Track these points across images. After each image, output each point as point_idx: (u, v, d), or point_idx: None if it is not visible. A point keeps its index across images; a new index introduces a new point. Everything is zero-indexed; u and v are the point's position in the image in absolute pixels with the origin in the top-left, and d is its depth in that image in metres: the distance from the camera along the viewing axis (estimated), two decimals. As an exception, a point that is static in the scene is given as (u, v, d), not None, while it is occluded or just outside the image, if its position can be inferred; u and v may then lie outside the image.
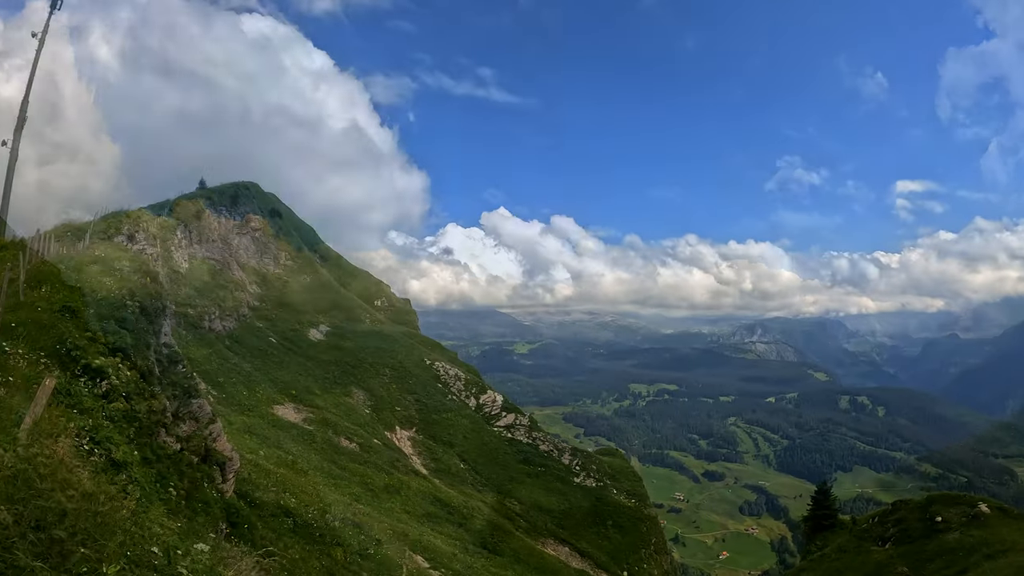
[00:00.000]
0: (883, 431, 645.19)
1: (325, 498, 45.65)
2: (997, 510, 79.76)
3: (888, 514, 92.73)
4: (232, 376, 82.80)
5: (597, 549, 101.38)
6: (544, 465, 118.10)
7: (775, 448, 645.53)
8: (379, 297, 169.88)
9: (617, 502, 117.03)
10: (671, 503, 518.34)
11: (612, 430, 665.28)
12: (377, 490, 70.24)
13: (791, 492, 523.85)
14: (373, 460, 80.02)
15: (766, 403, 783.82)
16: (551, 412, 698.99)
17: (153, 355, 22.94)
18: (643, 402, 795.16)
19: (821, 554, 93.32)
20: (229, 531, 22.52)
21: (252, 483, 32.92)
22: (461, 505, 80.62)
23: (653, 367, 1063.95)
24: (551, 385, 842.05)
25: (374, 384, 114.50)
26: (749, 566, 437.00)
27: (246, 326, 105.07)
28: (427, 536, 60.58)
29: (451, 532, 70.80)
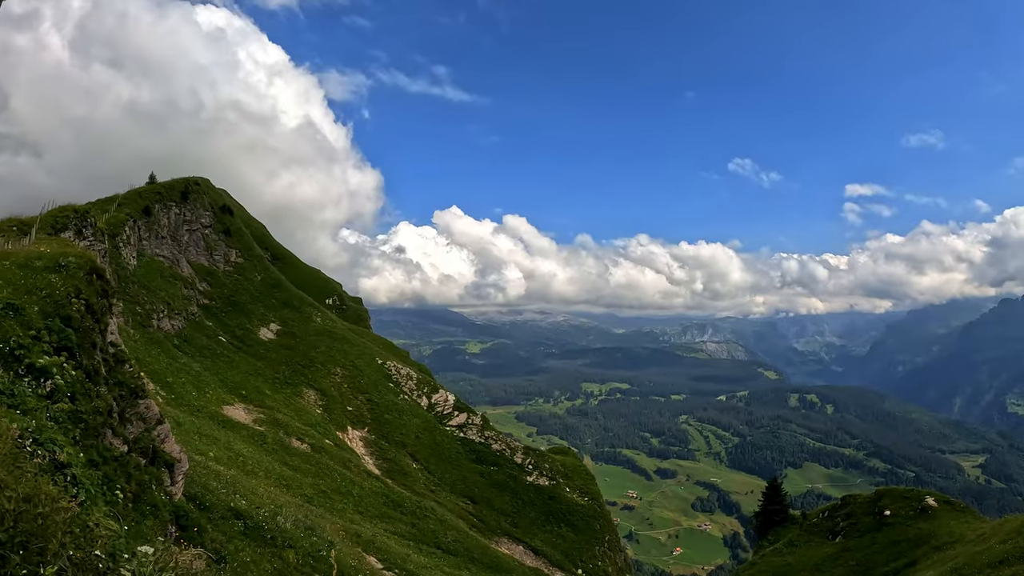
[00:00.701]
0: (832, 428, 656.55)
1: (277, 500, 45.06)
2: (944, 504, 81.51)
3: (838, 509, 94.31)
4: (181, 376, 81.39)
5: (551, 547, 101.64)
6: (497, 464, 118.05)
7: (726, 445, 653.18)
8: (331, 295, 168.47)
9: (570, 500, 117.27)
10: (624, 501, 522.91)
11: (565, 429, 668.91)
12: (329, 491, 69.49)
13: (743, 488, 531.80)
14: (325, 461, 79.21)
15: (717, 401, 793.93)
16: (504, 411, 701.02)
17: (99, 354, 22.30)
18: (595, 401, 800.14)
19: (773, 548, 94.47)
20: (178, 534, 22.01)
21: (202, 485, 32.27)
22: (414, 505, 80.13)
23: (605, 366, 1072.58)
24: (503, 385, 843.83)
25: (325, 384, 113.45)
26: (702, 561, 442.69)
27: (195, 325, 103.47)
28: (380, 537, 60.06)
29: (404, 532, 70.34)
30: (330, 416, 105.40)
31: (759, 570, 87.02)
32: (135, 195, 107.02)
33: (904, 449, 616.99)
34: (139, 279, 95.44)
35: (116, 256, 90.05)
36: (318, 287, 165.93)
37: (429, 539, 71.72)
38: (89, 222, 37.85)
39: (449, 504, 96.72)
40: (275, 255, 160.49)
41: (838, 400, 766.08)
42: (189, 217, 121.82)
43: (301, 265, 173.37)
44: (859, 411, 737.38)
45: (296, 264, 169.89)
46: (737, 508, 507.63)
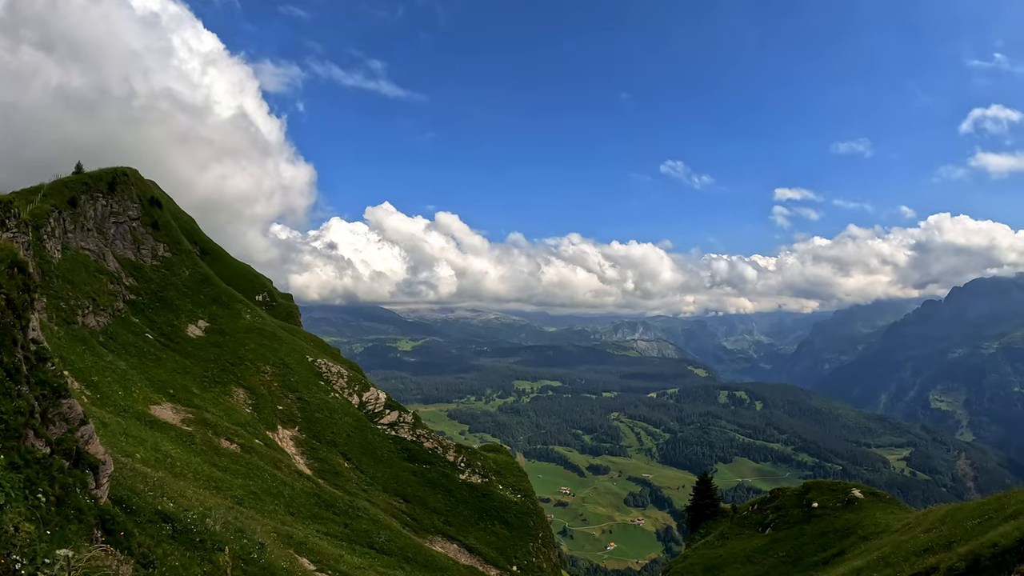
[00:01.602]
0: (761, 424, 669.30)
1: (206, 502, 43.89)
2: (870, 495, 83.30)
3: (767, 502, 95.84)
4: (107, 375, 78.99)
5: (485, 545, 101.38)
6: (429, 463, 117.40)
7: (658, 441, 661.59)
8: (261, 292, 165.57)
9: (503, 498, 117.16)
10: (558, 497, 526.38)
11: (497, 426, 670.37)
12: (260, 492, 68.12)
13: (674, 483, 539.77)
14: (255, 461, 77.67)
15: (648, 398, 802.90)
16: (436, 409, 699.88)
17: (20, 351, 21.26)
18: (527, 399, 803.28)
19: (705, 541, 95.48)
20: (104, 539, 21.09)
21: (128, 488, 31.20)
22: (346, 505, 79.08)
23: (537, 364, 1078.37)
24: (435, 382, 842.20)
25: (255, 382, 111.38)
26: (636, 556, 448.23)
27: (122, 321, 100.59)
28: (312, 538, 59.09)
29: (337, 533, 69.35)
30: (260, 415, 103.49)
31: (691, 563, 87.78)
32: (61, 185, 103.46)
33: (831, 443, 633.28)
34: (63, 273, 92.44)
35: (40, 249, 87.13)
36: (248, 283, 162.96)
37: (362, 539, 70.85)
38: (12, 213, 36.33)
39: (382, 503, 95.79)
40: (204, 249, 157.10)
41: (767, 397, 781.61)
42: (116, 209, 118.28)
43: (231, 260, 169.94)
44: (787, 407, 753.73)
45: (226, 259, 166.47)
46: (669, 503, 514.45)
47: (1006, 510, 41.18)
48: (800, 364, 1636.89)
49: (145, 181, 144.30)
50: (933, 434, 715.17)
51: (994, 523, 38.70)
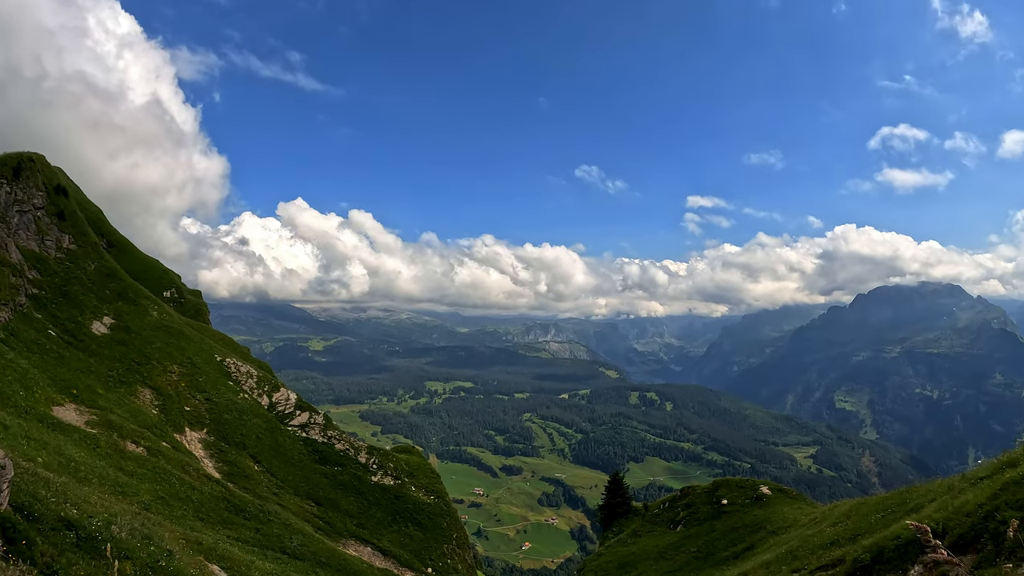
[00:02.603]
0: (672, 424, 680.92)
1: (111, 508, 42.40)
2: (778, 492, 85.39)
3: (678, 499, 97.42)
4: (7, 374, 75.76)
5: (399, 547, 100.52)
6: (341, 464, 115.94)
7: (570, 442, 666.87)
8: (168, 288, 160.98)
9: (416, 499, 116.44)
10: (471, 498, 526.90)
11: (409, 427, 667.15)
12: (168, 497, 66.22)
13: (587, 483, 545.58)
14: (162, 465, 75.55)
15: (560, 399, 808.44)
16: (347, 410, 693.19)
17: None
18: (439, 399, 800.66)
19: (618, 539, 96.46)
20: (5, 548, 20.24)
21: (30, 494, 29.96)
22: (257, 509, 77.49)
23: (449, 365, 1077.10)
24: (347, 383, 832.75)
25: (162, 382, 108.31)
26: (551, 555, 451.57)
27: (23, 317, 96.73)
28: (223, 544, 57.67)
29: (248, 538, 67.85)
30: (167, 417, 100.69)
31: (605, 560, 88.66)
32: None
33: (740, 442, 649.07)
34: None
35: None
36: (155, 278, 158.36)
37: (274, 544, 69.51)
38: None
39: (293, 507, 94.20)
40: (111, 242, 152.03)
41: (677, 398, 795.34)
42: (21, 197, 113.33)
43: (138, 254, 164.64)
44: (697, 408, 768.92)
45: (133, 253, 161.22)
46: (583, 502, 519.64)
47: (908, 504, 42.45)
48: (709, 366, 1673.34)
49: (52, 168, 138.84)
50: (838, 433, 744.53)
51: (897, 516, 39.85)
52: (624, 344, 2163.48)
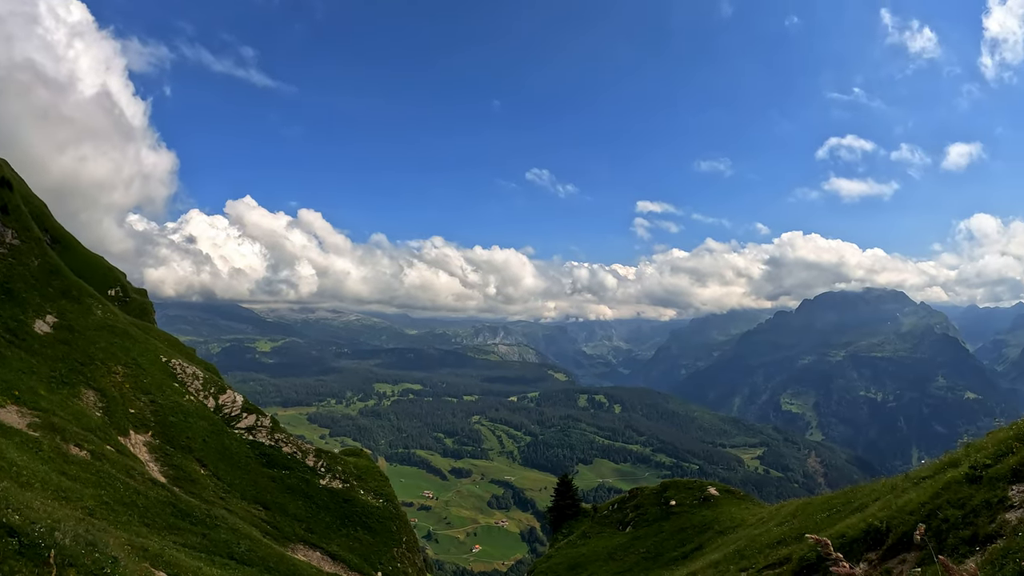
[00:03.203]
0: (620, 426, 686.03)
1: (54, 514, 41.54)
2: (725, 492, 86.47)
3: (627, 501, 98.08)
4: (-54, 377, 74.33)
5: (349, 552, 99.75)
6: (289, 468, 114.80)
7: (519, 444, 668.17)
8: (114, 286, 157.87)
9: (365, 503, 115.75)
10: (421, 501, 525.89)
11: (358, 430, 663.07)
12: (112, 502, 65.00)
13: (536, 485, 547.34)
14: (107, 469, 74.23)
15: (509, 402, 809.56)
16: (295, 413, 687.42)
17: None
18: (388, 402, 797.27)
19: (567, 540, 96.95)
20: (-55, 556, 19.85)
21: (-31, 500, 29.42)
22: (204, 514, 76.34)
23: (398, 367, 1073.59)
24: (294, 385, 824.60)
25: (106, 384, 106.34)
26: (502, 557, 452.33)
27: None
28: (169, 550, 56.76)
29: (195, 544, 66.87)
30: (111, 419, 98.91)
31: (555, 562, 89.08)
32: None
33: (688, 444, 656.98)
34: None
35: None
36: (100, 276, 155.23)
37: (222, 550, 68.56)
38: None
39: (241, 511, 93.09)
40: (55, 238, 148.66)
41: (625, 400, 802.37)
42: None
43: (83, 251, 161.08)
44: (645, 410, 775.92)
45: (78, 249, 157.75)
46: (532, 504, 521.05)
47: (853, 503, 43.21)
48: (657, 369, 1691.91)
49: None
50: (785, 434, 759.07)
51: (842, 515, 40.56)
52: (573, 347, 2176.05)
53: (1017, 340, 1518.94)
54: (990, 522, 21.13)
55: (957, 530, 22.30)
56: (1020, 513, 20.32)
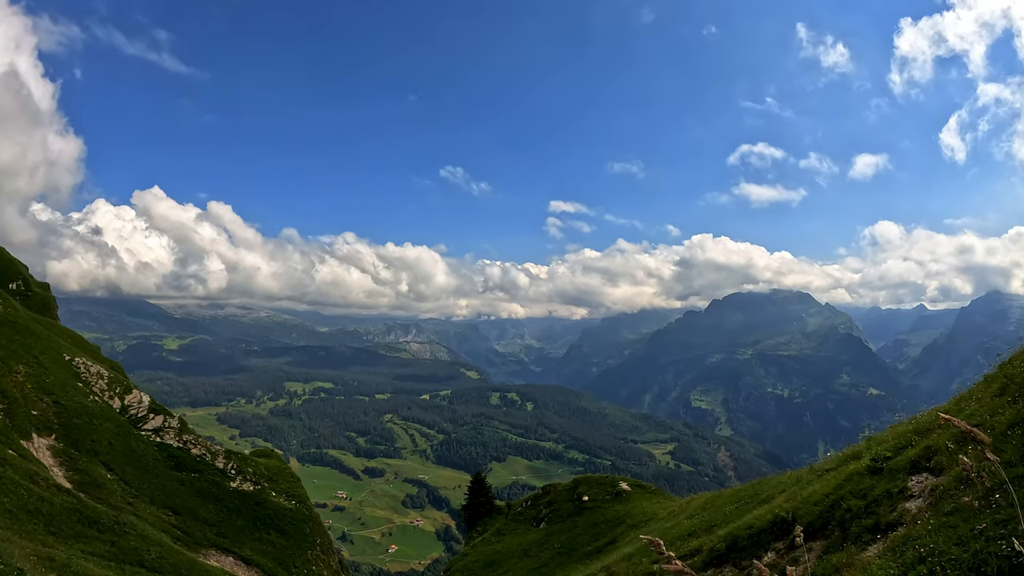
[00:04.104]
0: (533, 423, 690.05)
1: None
2: (637, 487, 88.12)
3: (540, 497, 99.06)
4: None
5: (262, 556, 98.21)
6: (198, 470, 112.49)
7: (432, 443, 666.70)
8: (14, 279, 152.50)
9: (277, 505, 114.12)
10: (335, 502, 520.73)
11: (269, 430, 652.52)
12: (16, 510, 63.01)
13: (450, 483, 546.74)
14: (9, 475, 71.88)
15: (421, 400, 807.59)
16: (204, 413, 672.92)
17: None
18: (299, 401, 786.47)
19: (483, 538, 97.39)
20: None
21: None
22: (112, 521, 74.42)
23: (309, 365, 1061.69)
24: (203, 384, 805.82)
25: (6, 384, 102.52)
26: (418, 557, 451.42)
27: None
28: (76, 559, 55.31)
29: (104, 552, 65.21)
30: (12, 422, 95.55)
31: (471, 560, 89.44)
32: None
33: (600, 441, 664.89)
34: None
35: None
36: (0, 269, 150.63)
37: (131, 558, 66.97)
38: None
39: (150, 517, 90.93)
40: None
41: (537, 398, 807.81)
42: None
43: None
44: (557, 408, 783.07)
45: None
46: (447, 503, 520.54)
47: (760, 495, 44.54)
48: (569, 367, 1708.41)
49: None
50: (695, 430, 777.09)
51: (750, 507, 41.85)
52: (485, 345, 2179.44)
53: (917, 340, 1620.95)
54: (891, 511, 22.22)
55: (860, 519, 23.42)
56: (919, 502, 21.42)
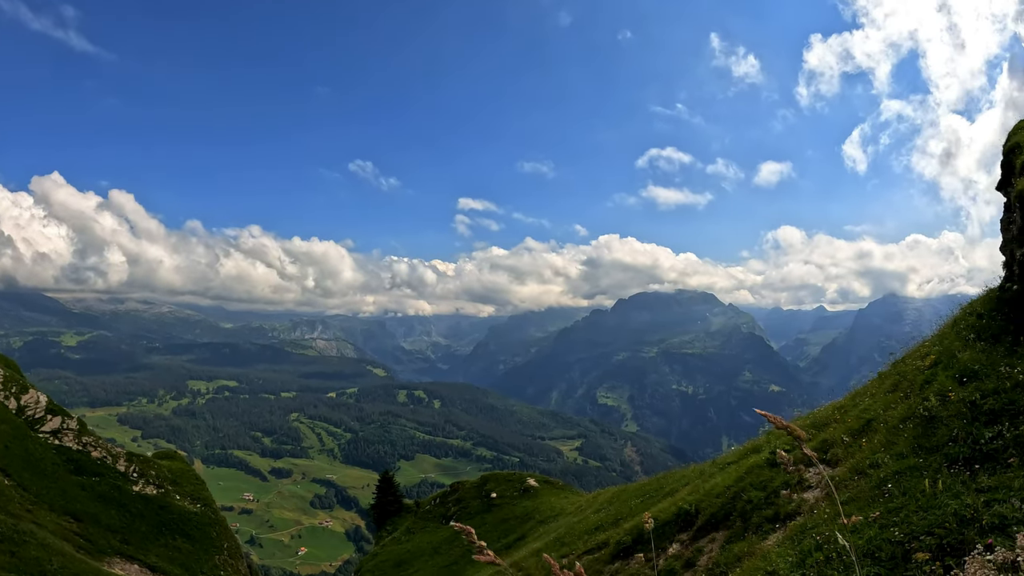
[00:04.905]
0: (441, 421, 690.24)
1: None
2: (544, 483, 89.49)
3: (449, 495, 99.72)
4: None
5: (169, 562, 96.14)
6: (99, 474, 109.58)
7: (339, 442, 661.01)
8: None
9: (182, 509, 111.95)
10: (241, 504, 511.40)
11: (171, 431, 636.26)
12: (-93, 519, 61.08)
13: (359, 483, 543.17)
14: None
15: (328, 398, 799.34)
16: (104, 414, 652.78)
17: None
18: (203, 400, 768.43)
19: (392, 537, 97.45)
20: None
21: None
22: (10, 530, 72.05)
23: (213, 363, 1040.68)
24: (103, 383, 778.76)
25: None
26: (328, 558, 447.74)
27: None
28: (-28, 568, 53.94)
29: (3, 563, 62.84)
30: None
31: (381, 560, 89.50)
32: None
33: (508, 438, 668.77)
34: None
35: None
36: None
37: (32, 568, 64.96)
38: None
39: (51, 524, 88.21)
40: None
41: (445, 396, 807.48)
42: None
43: None
44: (465, 405, 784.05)
45: None
46: (356, 502, 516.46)
47: (664, 489, 45.80)
48: (476, 365, 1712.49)
49: None
50: (601, 426, 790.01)
51: (655, 500, 43.00)
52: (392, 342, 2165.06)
53: (817, 339, 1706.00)
54: (790, 502, 23.32)
55: (760, 510, 24.47)
56: (817, 492, 22.56)
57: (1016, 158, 23.84)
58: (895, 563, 12.68)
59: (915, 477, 16.17)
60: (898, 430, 19.79)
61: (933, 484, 14.93)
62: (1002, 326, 21.15)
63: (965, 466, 15.33)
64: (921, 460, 16.91)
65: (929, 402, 19.04)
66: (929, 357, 23.30)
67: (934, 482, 15.02)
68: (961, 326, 23.93)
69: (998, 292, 23.55)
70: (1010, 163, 24.45)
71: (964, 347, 21.51)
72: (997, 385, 17.07)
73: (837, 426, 25.58)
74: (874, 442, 20.86)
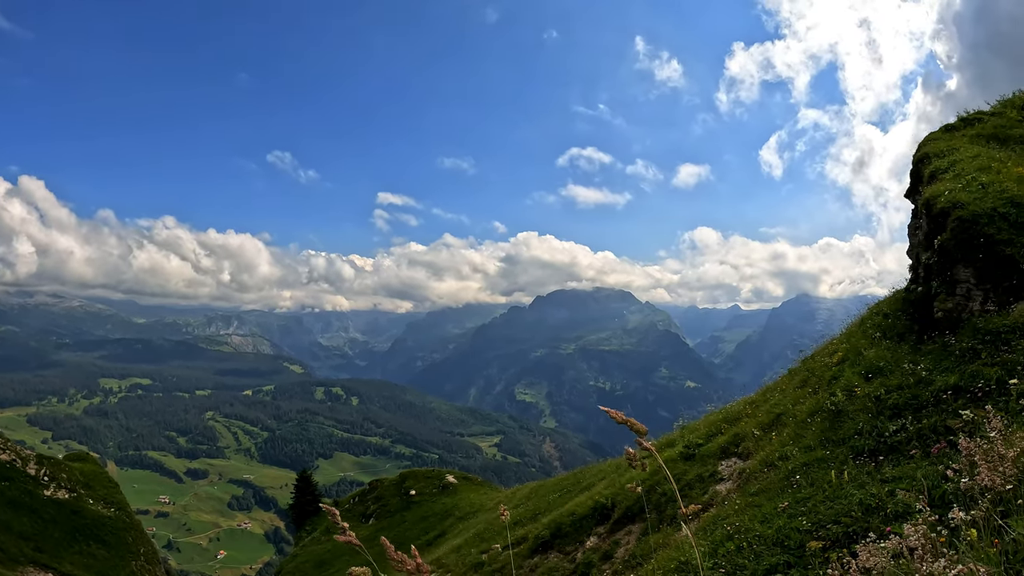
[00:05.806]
0: (358, 419, 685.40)
1: None
2: (463, 480, 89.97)
3: (367, 493, 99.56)
4: None
5: (84, 570, 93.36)
6: (8, 479, 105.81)
7: (256, 440, 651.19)
8: None
9: (96, 513, 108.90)
10: (157, 507, 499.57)
11: (83, 432, 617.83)
12: None
13: (277, 483, 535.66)
14: None
15: (244, 396, 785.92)
16: (12, 414, 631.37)
17: None
18: (115, 399, 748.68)
19: (312, 538, 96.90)
20: None
21: None
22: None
23: (125, 359, 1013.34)
24: (11, 381, 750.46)
25: None
26: (248, 561, 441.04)
27: None
28: None
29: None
30: None
31: (302, 560, 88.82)
32: None
33: (427, 435, 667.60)
34: None
35: None
36: None
37: (-65, 575, 62.96)
38: None
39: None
40: None
41: (363, 392, 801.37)
42: None
43: None
44: (383, 402, 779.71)
45: None
46: (274, 503, 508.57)
47: (582, 483, 46.55)
48: (394, 362, 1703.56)
49: None
50: (520, 422, 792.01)
51: (572, 495, 43.69)
52: (309, 338, 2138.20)
53: (732, 337, 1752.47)
54: (703, 494, 24.00)
55: (674, 502, 25.04)
56: (729, 484, 23.30)
57: (924, 168, 25.20)
58: (802, 551, 13.26)
59: (823, 469, 16.89)
60: (806, 424, 20.57)
61: (840, 475, 15.63)
62: (907, 325, 22.16)
63: (870, 458, 16.07)
64: (828, 452, 17.66)
65: (836, 397, 19.86)
66: (837, 354, 24.30)
67: (840, 473, 15.73)
68: (868, 325, 24.96)
69: (904, 293, 24.66)
70: (918, 172, 26.16)
71: (871, 345, 22.49)
72: (901, 381, 17.95)
73: (749, 420, 26.41)
74: (784, 435, 21.65)
